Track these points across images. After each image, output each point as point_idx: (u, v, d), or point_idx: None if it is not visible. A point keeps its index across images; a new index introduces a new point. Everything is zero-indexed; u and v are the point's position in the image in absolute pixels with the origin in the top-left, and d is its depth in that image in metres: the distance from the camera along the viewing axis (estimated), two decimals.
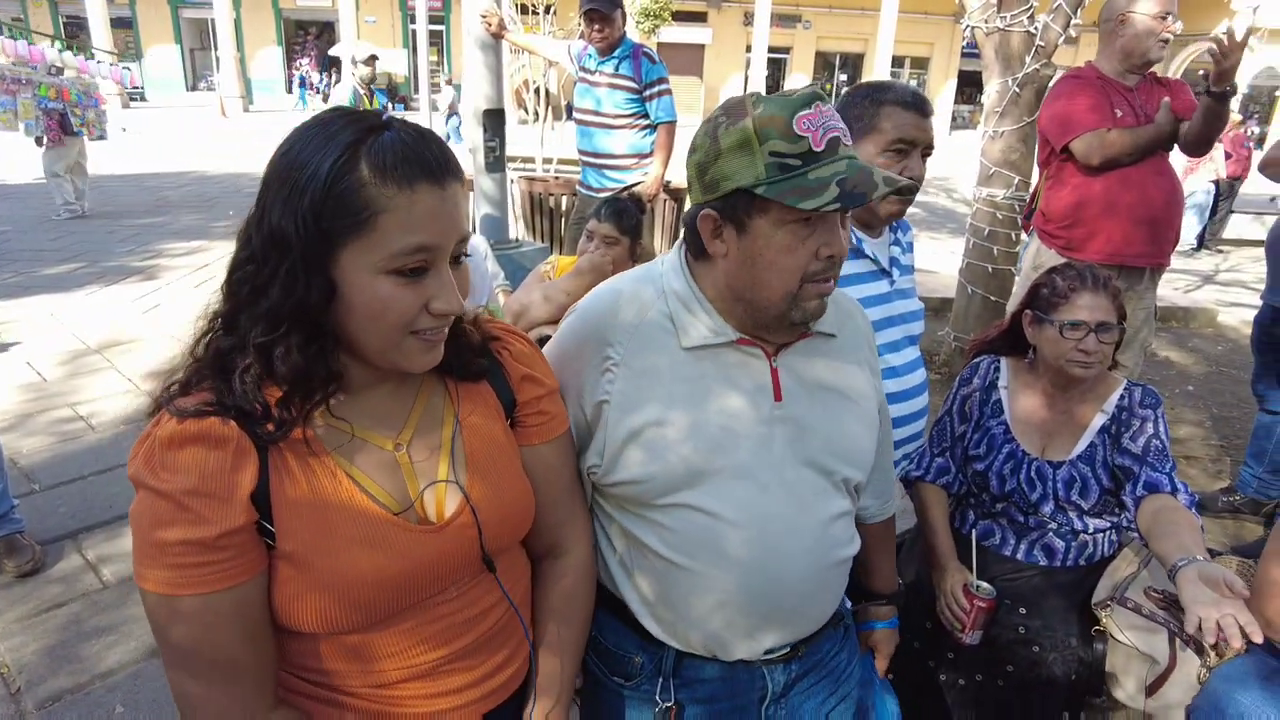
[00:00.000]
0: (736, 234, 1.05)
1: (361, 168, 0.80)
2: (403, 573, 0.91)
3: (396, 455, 0.95)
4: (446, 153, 0.86)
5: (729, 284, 1.09)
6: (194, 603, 0.82)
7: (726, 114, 1.04)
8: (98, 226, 7.86)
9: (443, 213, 0.84)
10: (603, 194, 4.48)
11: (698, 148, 1.06)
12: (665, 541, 1.12)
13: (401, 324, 0.85)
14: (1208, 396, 4.73)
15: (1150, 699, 1.64)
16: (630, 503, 1.14)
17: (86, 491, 3.20)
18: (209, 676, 0.86)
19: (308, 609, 0.88)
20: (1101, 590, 1.75)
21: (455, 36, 24.50)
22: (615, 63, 4.24)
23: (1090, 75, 3.00)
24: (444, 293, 0.86)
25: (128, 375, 4.34)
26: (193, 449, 0.81)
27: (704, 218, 1.07)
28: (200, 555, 0.81)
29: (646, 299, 1.15)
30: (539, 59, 6.39)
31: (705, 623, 1.14)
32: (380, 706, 0.97)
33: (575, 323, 1.20)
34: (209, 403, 0.84)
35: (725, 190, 1.03)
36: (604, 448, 1.12)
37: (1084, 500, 1.69)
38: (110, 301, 5.64)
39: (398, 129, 0.84)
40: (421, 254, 0.84)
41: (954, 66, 28.54)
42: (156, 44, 25.77)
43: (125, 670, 2.28)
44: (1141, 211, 2.89)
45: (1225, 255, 9.30)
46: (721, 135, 1.02)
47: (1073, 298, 1.65)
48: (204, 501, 0.81)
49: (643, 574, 1.16)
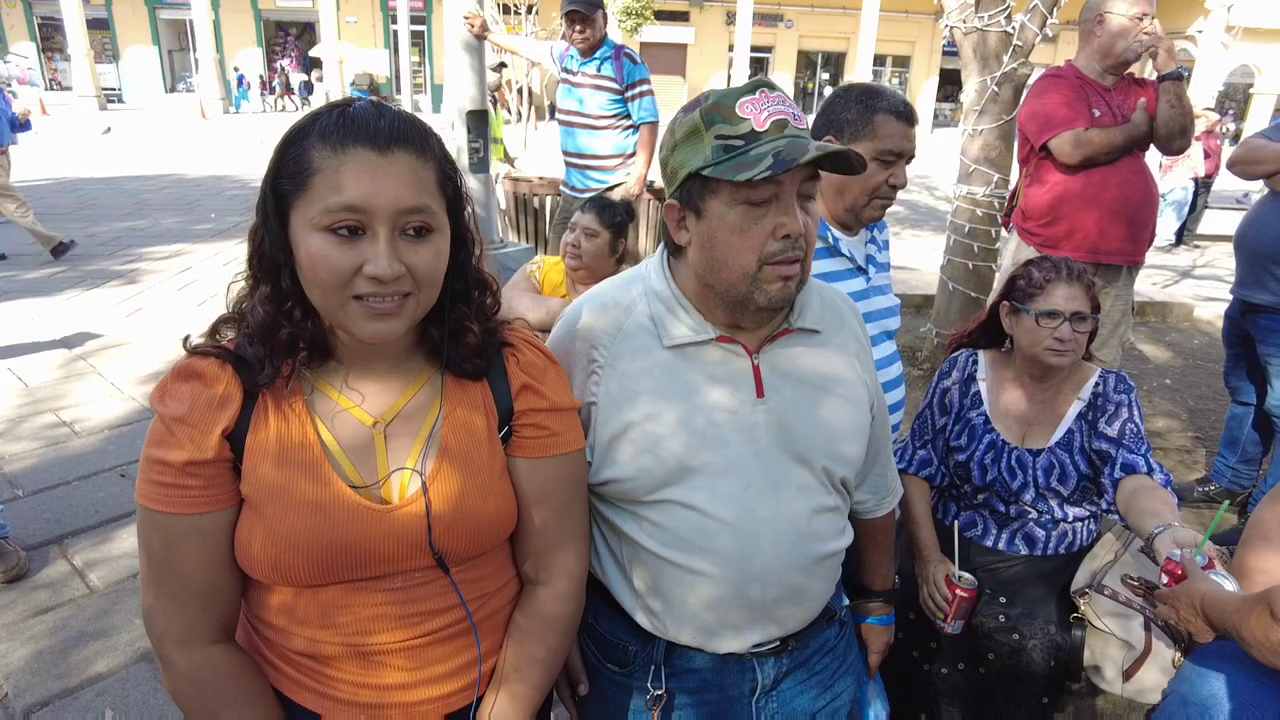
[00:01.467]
0: (695, 219, 1.10)
1: (311, 134, 0.87)
2: (340, 543, 0.94)
3: (374, 432, 0.98)
4: (404, 125, 0.89)
5: (696, 273, 1.13)
6: (159, 519, 0.92)
7: (684, 110, 1.11)
8: (76, 230, 7.79)
9: (378, 176, 0.86)
10: (586, 194, 4.49)
11: (663, 145, 1.12)
12: (654, 537, 1.15)
13: (336, 283, 0.87)
14: (1184, 389, 4.81)
15: (1128, 684, 1.68)
16: (620, 500, 1.17)
17: (72, 497, 3.18)
18: (159, 588, 0.95)
19: (253, 553, 0.94)
20: (1080, 578, 1.79)
21: (437, 37, 24.41)
22: (597, 64, 4.25)
23: (1069, 74, 3.04)
24: (378, 258, 0.86)
25: (112, 380, 4.31)
26: (191, 383, 0.92)
27: (668, 208, 1.12)
28: (171, 477, 0.91)
29: (628, 302, 1.18)
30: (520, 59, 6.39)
31: (694, 617, 1.16)
32: (312, 681, 1.00)
33: (561, 329, 1.23)
34: (217, 347, 0.95)
35: (681, 178, 1.09)
36: (593, 447, 1.15)
37: (1063, 486, 1.73)
38: (92, 306, 5.59)
39: (363, 104, 0.90)
40: (350, 213, 0.85)
41: (935, 65, 28.74)
42: (134, 45, 25.51)
43: (114, 675, 2.27)
44: (1119, 209, 2.94)
45: (1202, 250, 9.44)
46: (677, 128, 1.10)
47: (1048, 288, 1.70)
48: (185, 429, 0.91)
49: (634, 568, 1.19)
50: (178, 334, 1.01)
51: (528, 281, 2.76)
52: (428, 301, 0.95)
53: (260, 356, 0.93)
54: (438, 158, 0.93)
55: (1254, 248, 2.90)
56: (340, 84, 23.40)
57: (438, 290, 0.96)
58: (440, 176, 0.93)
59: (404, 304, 0.91)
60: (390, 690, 1.01)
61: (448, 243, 0.95)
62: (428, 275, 0.92)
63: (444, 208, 0.94)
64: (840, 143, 1.61)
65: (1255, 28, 22.01)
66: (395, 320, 0.91)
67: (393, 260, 0.87)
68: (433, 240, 0.92)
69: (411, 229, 0.89)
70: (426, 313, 0.97)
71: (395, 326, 0.92)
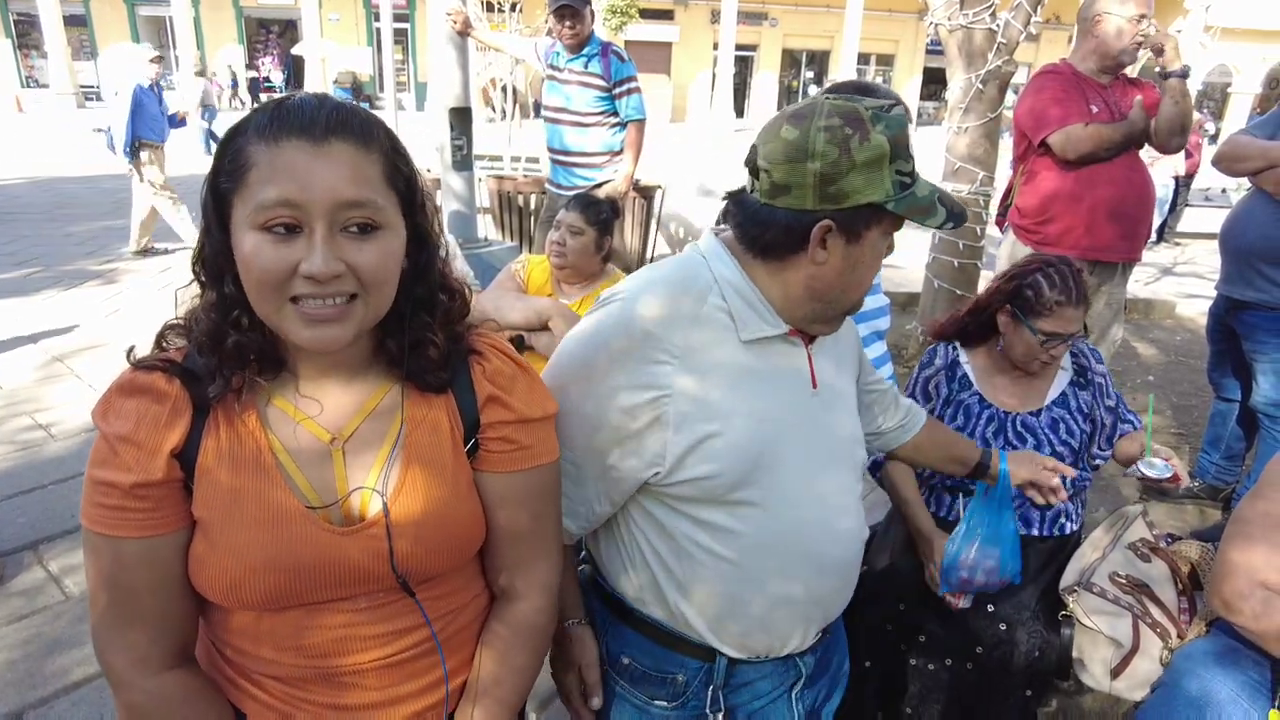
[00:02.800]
0: (845, 243, 1.05)
1: (249, 129, 0.82)
2: (296, 566, 0.89)
3: (331, 449, 0.93)
4: (344, 115, 0.83)
5: (811, 287, 1.08)
6: (106, 543, 0.87)
7: (850, 126, 1.01)
8: (53, 230, 7.67)
9: (312, 170, 0.80)
10: (572, 192, 4.46)
11: (818, 155, 1.00)
12: (729, 544, 1.10)
13: (271, 283, 0.81)
14: (1167, 386, 4.84)
15: (1115, 681, 1.68)
16: (697, 500, 1.09)
17: (47, 501, 3.12)
18: (112, 614, 0.90)
19: (207, 576, 0.89)
20: (1069, 576, 1.79)
21: (420, 34, 24.28)
22: (584, 60, 4.23)
23: (1066, 71, 3.05)
24: (312, 255, 0.80)
25: (89, 382, 4.24)
26: (136, 399, 0.87)
27: (822, 225, 1.04)
28: (118, 499, 0.85)
29: (697, 291, 1.10)
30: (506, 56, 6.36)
31: (767, 621, 1.14)
32: (279, 702, 0.96)
33: (614, 317, 1.11)
34: (164, 360, 0.89)
35: (854, 203, 1.02)
36: (666, 447, 1.06)
37: (1072, 439, 1.79)
38: (70, 306, 5.51)
39: (304, 96, 0.85)
40: (284, 209, 0.79)
41: (919, 63, 28.88)
42: (112, 42, 25.15)
43: (90, 683, 2.23)
44: (1116, 207, 2.95)
45: (1183, 248, 9.54)
46: (855, 150, 1.00)
47: (1059, 311, 1.71)
48: (131, 450, 0.85)
49: (698, 585, 1.12)
50: (146, 343, 0.96)
51: (512, 280, 2.73)
52: (379, 306, 0.88)
53: (210, 368, 0.88)
54: (385, 150, 0.86)
55: (1239, 245, 2.91)
56: (323, 82, 23.22)
57: (390, 294, 0.88)
58: (388, 170, 0.86)
59: (349, 308, 0.84)
60: (361, 711, 0.97)
61: (400, 242, 0.88)
62: (374, 276, 0.84)
63: (395, 204, 0.87)
64: None
65: (1232, 27, 22.26)
66: (338, 326, 0.84)
67: (329, 257, 0.80)
68: (380, 238, 0.84)
69: (354, 225, 0.82)
70: (380, 319, 0.90)
71: (338, 333, 0.84)
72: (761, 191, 1.05)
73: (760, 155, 1.05)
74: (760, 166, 1.05)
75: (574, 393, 1.10)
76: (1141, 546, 1.83)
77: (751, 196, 1.08)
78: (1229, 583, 1.47)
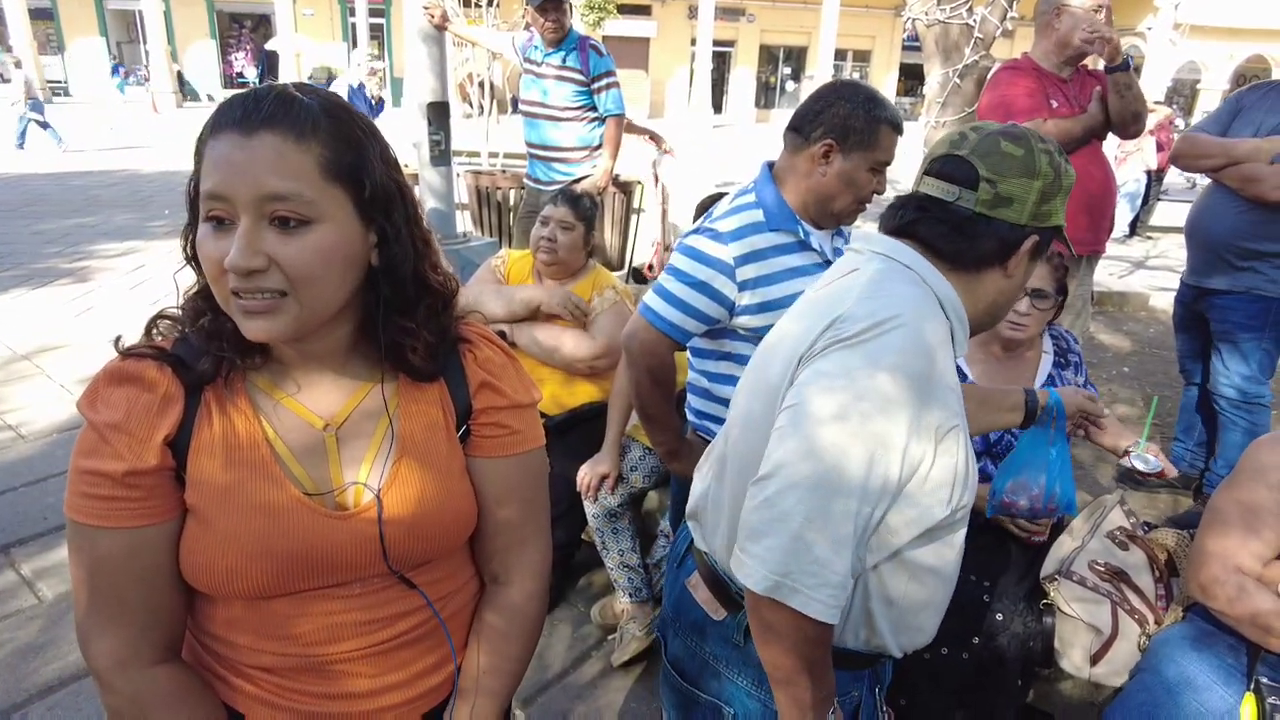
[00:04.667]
0: (1029, 260, 1.12)
1: (209, 123, 0.83)
2: (293, 552, 0.89)
3: (325, 436, 0.93)
4: (280, 103, 0.81)
5: (996, 300, 1.14)
6: (94, 534, 0.86)
7: (1060, 154, 1.10)
8: (21, 227, 7.53)
9: (236, 161, 0.78)
10: (551, 187, 4.44)
11: (1041, 174, 1.07)
12: (950, 553, 1.08)
13: (213, 275, 0.82)
14: (1142, 377, 4.91)
15: (1095, 667, 1.71)
16: (951, 524, 1.05)
17: (19, 504, 3.06)
18: (97, 608, 0.89)
19: (200, 565, 0.89)
20: (1049, 565, 1.81)
21: (396, 29, 24.05)
22: (562, 55, 4.20)
23: (1027, 66, 3.08)
24: (234, 246, 0.78)
25: (60, 382, 4.16)
26: (126, 388, 0.86)
27: (1033, 239, 1.10)
28: (108, 489, 0.85)
29: (934, 307, 1.08)
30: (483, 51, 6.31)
31: (939, 611, 1.15)
32: (272, 695, 0.96)
33: (912, 347, 1.00)
34: (153, 348, 0.89)
35: (1053, 223, 1.11)
36: (957, 474, 1.02)
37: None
38: (39, 305, 5.40)
39: (257, 88, 0.84)
40: (215, 201, 0.80)
41: (895, 59, 29.08)
42: (80, 36, 24.71)
43: (66, 688, 2.19)
44: (1079, 200, 2.98)
45: (1155, 241, 9.68)
46: (1063, 175, 1.09)
47: None
48: (122, 438, 0.85)
49: (919, 607, 1.11)
50: (131, 334, 0.95)
51: (492, 275, 2.72)
52: (314, 302, 0.84)
53: (197, 350, 0.89)
54: (326, 142, 0.82)
55: (1206, 237, 2.97)
56: (298, 77, 22.95)
57: (329, 291, 0.84)
58: (325, 163, 0.81)
59: (280, 304, 0.81)
60: (351, 699, 0.97)
61: (340, 237, 0.83)
62: (300, 271, 0.81)
63: (338, 198, 0.83)
64: (841, 148, 1.67)
65: (1201, 25, 22.62)
66: (269, 319, 0.82)
67: (246, 251, 0.78)
68: (308, 233, 0.81)
69: (278, 218, 0.80)
70: (323, 318, 0.86)
71: (271, 327, 0.82)
72: (980, 202, 1.07)
73: (983, 167, 1.07)
74: (983, 177, 1.07)
75: (868, 443, 0.95)
76: (1119, 535, 1.86)
77: (958, 206, 1.08)
78: (1205, 569, 1.50)
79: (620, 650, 2.35)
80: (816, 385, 1.00)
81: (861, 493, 0.96)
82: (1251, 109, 2.85)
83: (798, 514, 0.96)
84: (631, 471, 2.37)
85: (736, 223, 1.73)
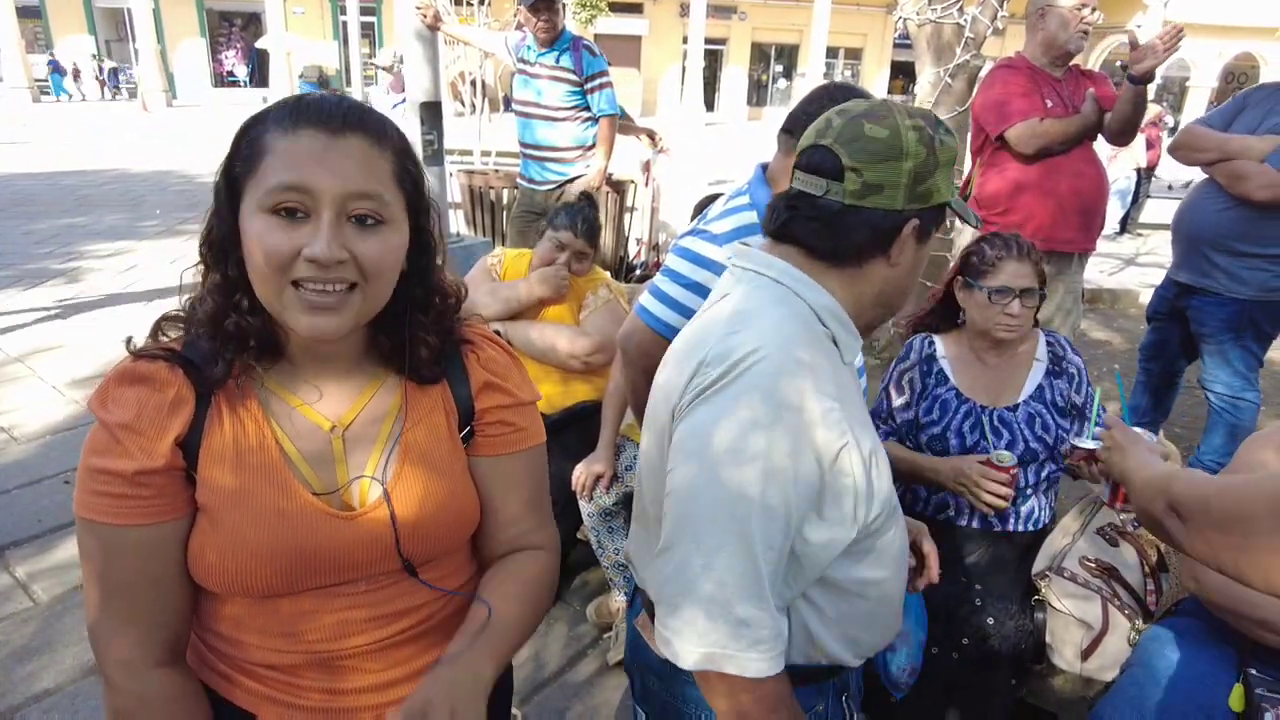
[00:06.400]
0: (916, 244, 1.06)
1: (268, 118, 0.86)
2: (303, 551, 0.91)
3: (332, 437, 0.95)
4: (360, 110, 0.87)
5: (883, 291, 1.08)
6: (105, 532, 0.87)
7: (930, 126, 1.03)
8: (11, 227, 7.48)
9: (325, 159, 0.83)
10: (545, 187, 4.44)
11: (911, 154, 1.00)
12: (880, 563, 1.06)
13: (275, 265, 0.83)
14: (1132, 375, 4.94)
15: (1086, 663, 1.73)
16: (875, 535, 1.03)
17: (12, 506, 3.05)
18: (107, 607, 0.90)
19: (209, 564, 0.90)
20: (1040, 562, 1.83)
21: (387, 28, 23.97)
22: (555, 54, 4.20)
23: (1021, 65, 3.10)
24: (317, 239, 0.82)
25: (51, 383, 4.14)
26: (138, 388, 0.88)
27: (913, 224, 1.03)
28: (119, 487, 0.86)
29: (807, 322, 1.04)
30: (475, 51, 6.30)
31: (891, 619, 1.15)
32: (277, 691, 0.97)
33: (775, 381, 0.96)
34: (164, 349, 0.90)
35: (935, 202, 1.04)
36: (859, 494, 0.98)
37: (1048, 435, 1.82)
38: (29, 306, 5.37)
39: (322, 93, 0.90)
40: (293, 193, 0.82)
41: (887, 57, 29.12)
42: (68, 35, 24.52)
43: (62, 691, 2.19)
44: (1073, 199, 3.01)
45: (1145, 238, 9.73)
46: (938, 149, 1.02)
47: (1000, 265, 1.78)
48: (133, 437, 0.86)
49: (857, 618, 1.09)
50: (122, 335, 0.96)
51: (487, 275, 2.72)
52: (376, 298, 0.89)
53: (210, 353, 0.89)
54: (396, 150, 0.89)
55: (1190, 233, 3.00)
56: (288, 76, 22.84)
57: (388, 288, 0.90)
58: (398, 170, 0.89)
59: (348, 298, 0.86)
60: (356, 695, 0.98)
61: (403, 239, 0.90)
62: (375, 266, 0.86)
63: (401, 203, 0.89)
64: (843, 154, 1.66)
65: (1191, 23, 22.73)
66: (335, 315, 0.86)
67: (332, 243, 0.82)
68: (383, 232, 0.87)
69: (360, 216, 0.85)
70: (376, 314, 0.92)
71: (336, 323, 0.86)
72: (849, 193, 1.01)
73: (846, 155, 1.01)
74: (847, 166, 1.01)
75: (755, 490, 0.93)
76: (1109, 531, 1.88)
77: (829, 200, 1.02)
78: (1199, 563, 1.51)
79: (616, 648, 2.36)
80: (690, 446, 0.97)
81: (763, 540, 0.93)
82: (1255, 107, 2.87)
83: (705, 580, 0.94)
84: (626, 471, 2.38)
85: (731, 224, 1.74)
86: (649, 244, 5.71)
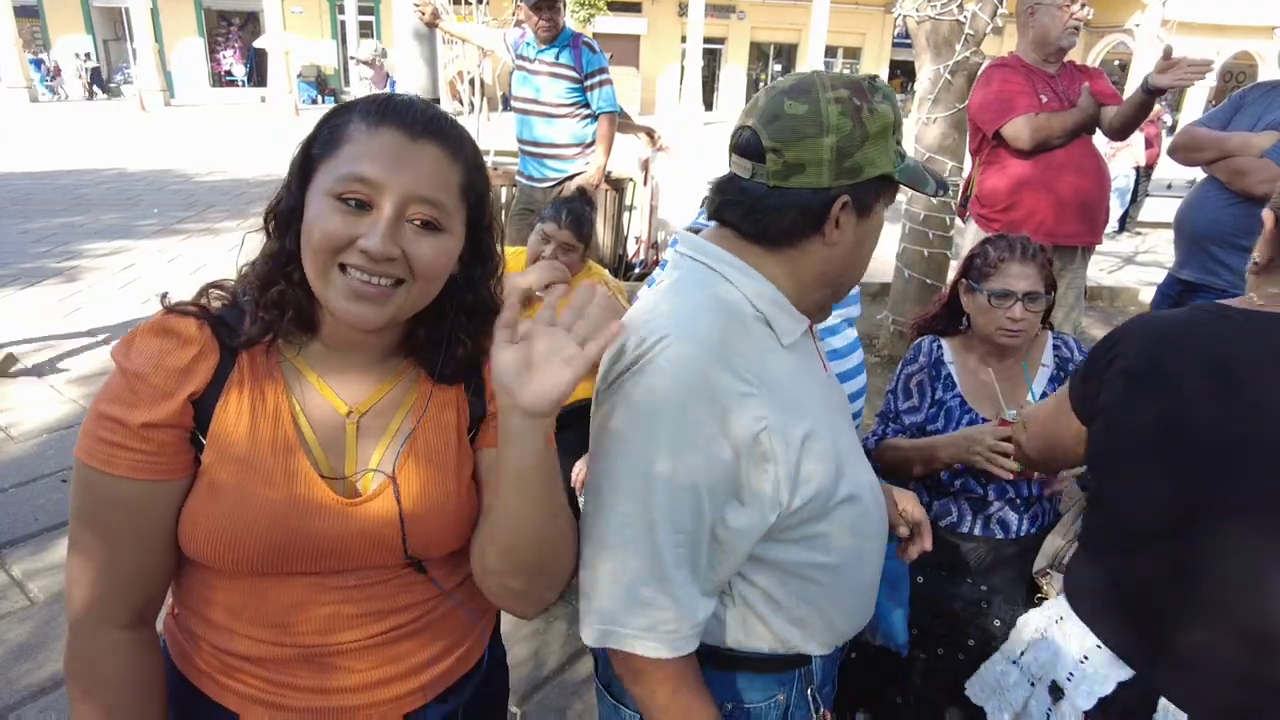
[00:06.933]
0: (857, 219, 1.02)
1: (354, 111, 0.89)
2: (301, 530, 0.90)
3: (347, 422, 0.96)
4: (441, 120, 0.91)
5: (824, 271, 1.05)
6: (99, 479, 0.87)
7: (857, 96, 0.98)
8: (8, 226, 7.47)
9: (400, 158, 0.86)
10: (544, 184, 4.43)
11: (833, 128, 0.96)
12: (826, 549, 1.05)
13: (329, 247, 0.86)
14: None
15: None
16: (809, 522, 1.02)
17: (9, 505, 3.04)
18: (87, 558, 0.90)
19: (204, 531, 0.89)
20: (1041, 559, 1.82)
21: (386, 26, 23.95)
22: (555, 51, 4.19)
23: (1015, 63, 3.11)
24: (373, 233, 0.85)
25: (49, 382, 4.14)
26: (162, 339, 0.88)
27: (841, 201, 1.00)
28: (121, 437, 0.86)
29: (734, 308, 1.03)
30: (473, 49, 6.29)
31: (855, 608, 1.14)
32: (259, 692, 0.95)
33: (674, 376, 0.95)
34: (197, 305, 0.92)
35: (868, 176, 1.00)
36: (779, 478, 0.97)
37: None
38: (28, 305, 5.37)
39: (409, 96, 0.92)
40: (361, 184, 0.85)
41: (886, 55, 29.11)
42: (66, 34, 24.48)
43: (59, 689, 2.18)
44: (1074, 193, 3.01)
45: (1144, 236, 9.74)
46: (866, 120, 0.98)
47: (1002, 268, 1.73)
48: (147, 388, 0.86)
49: (810, 604, 1.08)
50: (120, 334, 0.95)
51: None
52: (421, 298, 0.92)
53: (249, 314, 0.90)
54: (469, 163, 0.92)
55: (1193, 230, 2.99)
56: (287, 76, 22.83)
57: (434, 290, 0.93)
58: (465, 182, 0.92)
59: (393, 292, 0.88)
60: (344, 694, 0.97)
61: (456, 246, 0.93)
62: (425, 267, 0.89)
63: (463, 214, 0.93)
64: None
65: (1189, 21, 22.74)
66: (377, 306, 0.88)
67: (387, 239, 0.85)
68: (439, 238, 0.90)
69: (419, 219, 0.88)
70: (417, 312, 0.94)
71: (376, 313, 0.88)
72: (770, 174, 0.99)
73: (765, 136, 0.98)
74: (767, 147, 0.98)
75: (660, 474, 0.93)
76: None
77: (754, 183, 1.00)
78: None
79: None
80: (602, 432, 0.99)
81: (669, 524, 0.93)
82: (1252, 105, 2.87)
83: (610, 560, 0.96)
84: None
85: None
86: (648, 242, 5.70)
